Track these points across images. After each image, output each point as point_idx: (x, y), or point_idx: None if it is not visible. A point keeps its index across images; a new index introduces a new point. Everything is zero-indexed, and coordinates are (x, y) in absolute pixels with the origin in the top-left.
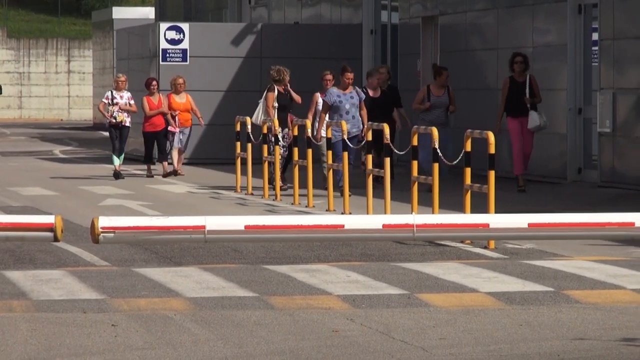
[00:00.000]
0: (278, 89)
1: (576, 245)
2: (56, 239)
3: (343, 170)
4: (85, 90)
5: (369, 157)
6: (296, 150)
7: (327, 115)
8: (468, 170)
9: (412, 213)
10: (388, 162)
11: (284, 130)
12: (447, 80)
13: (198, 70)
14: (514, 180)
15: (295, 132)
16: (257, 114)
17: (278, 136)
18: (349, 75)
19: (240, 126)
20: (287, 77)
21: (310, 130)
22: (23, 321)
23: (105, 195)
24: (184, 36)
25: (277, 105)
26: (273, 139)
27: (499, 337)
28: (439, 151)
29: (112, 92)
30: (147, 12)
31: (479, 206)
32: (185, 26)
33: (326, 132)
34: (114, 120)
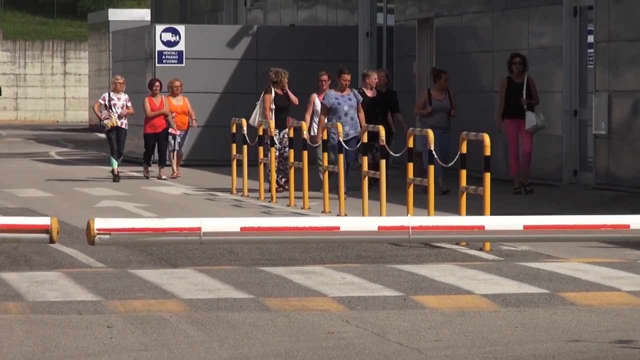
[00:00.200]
0: (275, 90)
1: (571, 247)
2: (52, 240)
3: (339, 173)
4: (81, 92)
5: (365, 159)
6: (292, 153)
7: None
8: (464, 173)
9: (407, 215)
10: (383, 164)
11: (282, 132)
12: (447, 83)
13: (194, 72)
14: (509, 182)
15: (291, 134)
16: (254, 115)
17: (274, 138)
18: (346, 77)
19: (236, 128)
20: (285, 79)
21: (306, 131)
22: (18, 323)
23: (101, 197)
24: (179, 38)
25: (274, 107)
26: (269, 141)
27: (494, 339)
28: (434, 153)
29: (110, 94)
30: (143, 14)
31: (475, 208)
32: (181, 28)
33: (322, 134)
34: (105, 127)
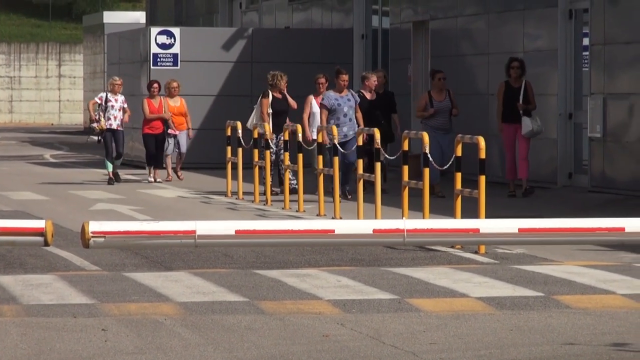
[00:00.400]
0: (274, 94)
1: (566, 250)
2: (46, 243)
3: (334, 175)
4: (76, 95)
5: (360, 162)
6: (287, 155)
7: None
8: (459, 175)
9: (402, 218)
10: (379, 167)
11: (279, 136)
12: (444, 82)
13: (189, 74)
14: (504, 185)
15: (286, 137)
16: (252, 119)
17: (269, 142)
18: (344, 78)
19: (231, 131)
20: (282, 82)
21: (301, 134)
22: (13, 326)
23: (96, 200)
24: (174, 41)
25: (272, 111)
26: (264, 144)
27: (489, 342)
28: (429, 156)
29: (107, 95)
30: (138, 16)
31: (470, 211)
32: (176, 31)
33: (317, 137)
34: (94, 130)
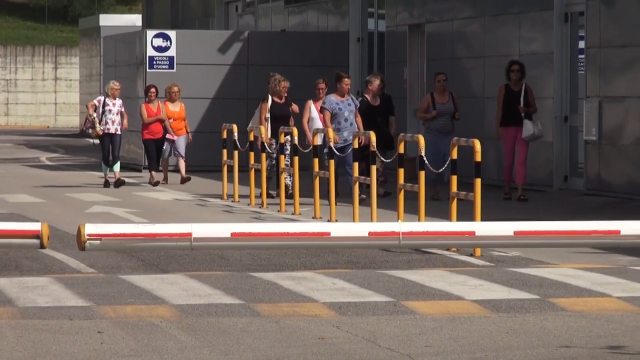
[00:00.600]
0: (274, 99)
1: (562, 252)
2: (42, 246)
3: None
4: (72, 98)
5: (355, 165)
6: (282, 158)
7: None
8: (454, 178)
9: (398, 221)
10: (374, 170)
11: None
12: (445, 84)
13: (185, 77)
14: (500, 188)
15: (282, 140)
16: (251, 123)
17: (265, 145)
18: (347, 82)
19: (227, 133)
20: (280, 87)
21: (297, 137)
22: (9, 328)
23: (92, 203)
24: (170, 43)
25: (270, 116)
26: (260, 147)
27: (484, 345)
28: (425, 159)
29: (105, 99)
30: (134, 19)
31: (465, 214)
32: (172, 33)
33: (313, 140)
34: (91, 132)
